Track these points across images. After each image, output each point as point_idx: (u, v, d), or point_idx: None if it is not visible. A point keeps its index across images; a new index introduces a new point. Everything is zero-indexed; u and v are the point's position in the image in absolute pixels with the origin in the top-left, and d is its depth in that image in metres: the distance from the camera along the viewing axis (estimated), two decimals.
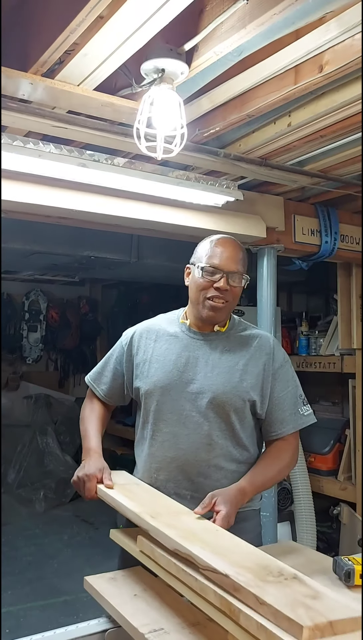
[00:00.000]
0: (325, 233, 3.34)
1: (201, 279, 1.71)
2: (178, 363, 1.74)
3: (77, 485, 1.68)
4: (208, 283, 1.70)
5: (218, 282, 1.68)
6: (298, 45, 1.75)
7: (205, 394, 1.69)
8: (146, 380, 1.77)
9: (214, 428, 1.69)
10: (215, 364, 1.73)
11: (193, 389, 1.71)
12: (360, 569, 1.44)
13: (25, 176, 2.31)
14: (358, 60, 1.75)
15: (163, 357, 1.77)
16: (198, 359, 1.74)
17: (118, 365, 1.89)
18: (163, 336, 1.81)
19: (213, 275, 1.69)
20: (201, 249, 1.77)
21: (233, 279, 1.70)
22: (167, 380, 1.73)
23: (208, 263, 1.70)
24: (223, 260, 1.70)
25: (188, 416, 1.70)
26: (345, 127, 2.27)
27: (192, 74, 1.83)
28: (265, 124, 2.31)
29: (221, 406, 1.69)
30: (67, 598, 3.73)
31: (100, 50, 1.68)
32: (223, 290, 1.69)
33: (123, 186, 2.44)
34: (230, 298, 1.72)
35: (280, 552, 1.70)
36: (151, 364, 1.78)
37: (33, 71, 1.81)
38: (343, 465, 3.99)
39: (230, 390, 1.69)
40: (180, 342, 1.78)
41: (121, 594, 1.43)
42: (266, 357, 1.76)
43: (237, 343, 1.77)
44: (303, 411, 1.79)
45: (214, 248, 1.73)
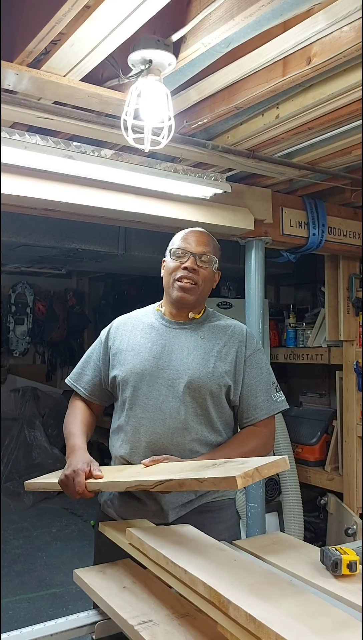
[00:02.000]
0: (312, 225, 3.35)
1: (171, 262, 1.80)
2: (153, 350, 1.78)
3: (66, 484, 1.62)
4: (177, 265, 1.79)
5: (186, 262, 1.77)
6: (286, 37, 1.75)
7: (181, 379, 1.73)
8: (122, 368, 1.81)
9: (190, 413, 1.72)
10: (190, 351, 1.77)
11: (169, 374, 1.74)
12: (347, 559, 1.45)
13: (11, 168, 2.28)
14: (346, 53, 1.75)
15: (139, 345, 1.81)
16: (174, 346, 1.78)
17: (98, 362, 1.91)
18: (139, 326, 1.87)
19: (182, 257, 1.79)
20: (174, 240, 1.86)
21: (201, 260, 1.78)
22: (143, 367, 1.77)
23: (177, 246, 1.81)
24: (191, 243, 1.80)
25: (164, 401, 1.73)
26: (333, 120, 2.26)
27: (180, 65, 1.81)
28: (252, 116, 2.30)
29: (197, 390, 1.72)
30: (56, 590, 3.74)
31: (87, 41, 1.66)
32: (191, 270, 1.77)
33: (110, 178, 2.43)
34: (198, 280, 1.78)
35: (268, 543, 1.72)
36: (127, 353, 1.81)
37: (19, 61, 1.78)
38: (330, 456, 4.03)
39: (206, 374, 1.73)
40: (156, 330, 1.83)
41: (110, 587, 1.43)
42: (238, 344, 1.80)
43: (211, 331, 1.82)
44: (276, 397, 1.83)
45: (185, 236, 1.83)
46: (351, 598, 1.32)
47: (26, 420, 6.06)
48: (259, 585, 1.18)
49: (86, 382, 1.92)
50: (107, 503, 1.84)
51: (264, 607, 1.06)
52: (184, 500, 1.73)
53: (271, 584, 1.20)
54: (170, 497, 1.70)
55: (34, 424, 6.06)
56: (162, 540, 1.44)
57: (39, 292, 6.65)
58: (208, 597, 1.16)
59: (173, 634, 1.19)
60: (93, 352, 1.94)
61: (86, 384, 1.92)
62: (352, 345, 3.83)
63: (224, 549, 1.43)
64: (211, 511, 1.77)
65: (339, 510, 3.77)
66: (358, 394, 3.77)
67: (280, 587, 1.19)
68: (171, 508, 1.72)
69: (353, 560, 1.44)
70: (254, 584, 1.18)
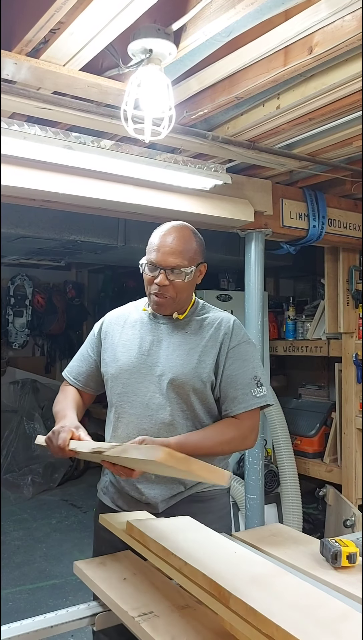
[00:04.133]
0: (312, 217, 3.34)
1: (145, 274, 1.76)
2: (142, 347, 1.79)
3: (51, 439, 1.61)
4: (150, 278, 1.75)
5: (157, 278, 1.72)
6: (288, 26, 1.73)
7: (166, 376, 1.73)
8: (112, 365, 1.81)
9: (176, 409, 1.72)
10: (176, 347, 1.77)
11: (156, 371, 1.75)
12: (347, 551, 1.46)
13: (10, 158, 2.26)
14: (348, 42, 1.73)
15: (129, 342, 1.82)
16: (161, 342, 1.78)
17: (91, 352, 1.92)
18: (130, 322, 1.86)
19: (153, 271, 1.74)
20: (150, 241, 1.79)
21: (173, 274, 1.71)
22: (131, 364, 1.77)
23: (148, 259, 1.75)
24: (160, 256, 1.72)
25: (151, 397, 1.73)
26: (335, 110, 2.25)
27: (180, 54, 1.80)
28: (253, 106, 2.28)
29: (181, 387, 1.72)
30: (56, 581, 3.76)
31: (86, 29, 1.64)
32: (162, 286, 1.72)
33: (110, 169, 2.41)
34: (172, 293, 1.73)
35: (268, 535, 1.72)
36: (118, 349, 1.82)
37: (17, 50, 1.76)
38: (329, 448, 4.04)
39: (189, 371, 1.72)
40: (145, 326, 1.83)
41: (111, 578, 1.43)
42: (223, 336, 1.78)
43: (198, 326, 1.81)
44: (256, 392, 1.76)
45: (157, 241, 1.75)
46: (351, 589, 1.33)
47: (25, 412, 6.07)
48: (259, 577, 1.18)
49: (77, 373, 1.94)
50: (103, 490, 1.87)
51: (264, 599, 1.06)
52: (174, 492, 1.73)
53: (271, 576, 1.20)
54: (159, 490, 1.71)
55: (33, 416, 6.07)
56: (162, 532, 1.44)
57: (38, 284, 6.63)
58: (209, 589, 1.16)
59: (174, 626, 1.20)
60: (86, 344, 1.96)
61: (77, 375, 1.93)
62: (352, 337, 3.83)
63: (225, 541, 1.44)
64: (202, 501, 1.77)
65: (338, 501, 3.78)
66: (357, 386, 3.77)
67: (280, 579, 1.19)
68: (160, 500, 1.72)
69: (353, 552, 1.45)
70: (254, 576, 1.19)
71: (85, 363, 1.93)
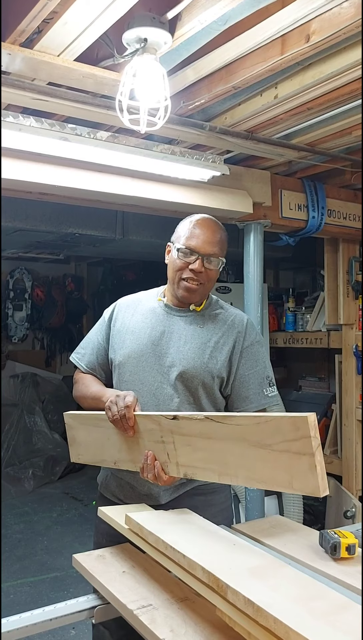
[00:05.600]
0: (312, 208, 3.32)
1: (178, 259, 1.75)
2: (152, 336, 1.78)
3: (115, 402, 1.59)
4: (184, 264, 1.74)
5: (193, 263, 1.73)
6: (285, 14, 1.70)
7: (176, 367, 1.72)
8: (120, 352, 1.81)
9: (183, 401, 1.72)
10: (188, 339, 1.76)
11: (165, 362, 1.74)
12: (346, 542, 1.45)
13: (5, 150, 2.25)
14: (346, 30, 1.71)
15: (138, 329, 1.80)
16: (173, 334, 1.77)
17: (100, 338, 1.90)
18: (141, 310, 1.85)
19: (189, 257, 1.74)
20: (181, 229, 1.80)
21: (208, 261, 1.74)
22: (140, 351, 1.76)
23: (185, 244, 1.74)
24: (199, 243, 1.74)
25: (158, 387, 1.73)
26: (333, 99, 2.22)
27: (176, 43, 1.77)
28: (251, 96, 2.26)
29: (189, 380, 1.72)
30: (57, 574, 3.78)
31: (80, 19, 1.62)
32: (198, 273, 1.73)
33: (106, 161, 2.39)
34: (204, 280, 1.75)
35: (267, 527, 1.72)
36: (126, 336, 1.81)
37: (11, 41, 1.74)
38: (330, 439, 4.04)
39: (200, 365, 1.72)
40: (157, 316, 1.82)
41: (110, 571, 1.43)
42: (237, 334, 1.79)
43: (212, 321, 1.81)
44: (268, 392, 1.80)
45: (193, 229, 1.76)
46: (350, 581, 1.32)
47: (26, 405, 6.08)
48: (258, 569, 1.18)
49: (88, 361, 1.91)
50: (104, 484, 1.87)
51: (262, 591, 1.06)
52: (177, 483, 1.72)
53: (269, 568, 1.20)
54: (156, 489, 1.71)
55: (33, 409, 6.07)
56: (161, 525, 1.43)
57: (37, 277, 6.63)
58: (207, 582, 1.16)
59: (172, 618, 1.20)
60: (96, 330, 1.94)
61: (88, 362, 1.91)
62: (352, 329, 3.82)
63: (224, 533, 1.43)
64: (204, 494, 1.77)
65: (338, 493, 3.79)
66: (357, 378, 3.77)
67: (279, 571, 1.19)
68: (162, 490, 1.72)
69: (352, 543, 1.44)
70: (253, 568, 1.18)
71: (95, 350, 1.91)
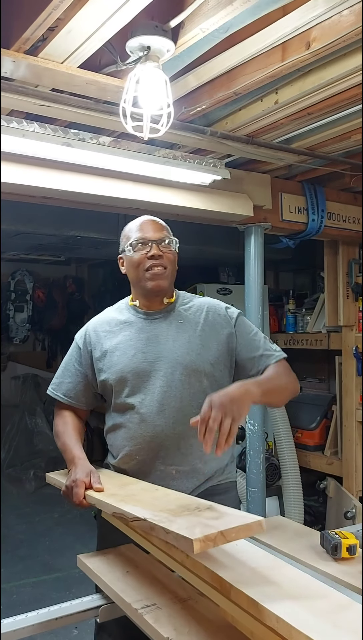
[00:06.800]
0: (312, 211, 3.34)
1: (135, 254, 1.77)
2: (138, 346, 1.77)
3: (67, 494, 1.63)
4: (142, 256, 1.77)
5: (150, 251, 1.75)
6: (285, 22, 1.73)
7: (176, 368, 1.73)
8: (111, 371, 1.78)
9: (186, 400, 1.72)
10: (175, 337, 1.77)
11: (160, 366, 1.73)
12: (347, 542, 1.47)
13: (9, 155, 2.27)
14: (346, 37, 1.73)
15: (122, 344, 1.79)
16: (158, 337, 1.77)
17: (79, 367, 1.87)
18: (116, 325, 1.84)
19: (144, 247, 1.77)
20: (126, 233, 1.84)
21: (163, 244, 1.78)
22: (133, 364, 1.75)
23: (136, 238, 1.78)
24: (149, 232, 1.79)
25: (160, 393, 1.72)
26: (333, 104, 2.25)
27: (178, 51, 1.79)
28: (251, 101, 2.28)
29: (192, 375, 1.73)
30: (59, 575, 3.79)
31: (84, 27, 1.64)
32: (158, 257, 1.75)
33: (109, 165, 2.42)
34: (166, 263, 1.77)
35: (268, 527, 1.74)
36: (113, 354, 1.79)
37: (16, 48, 1.76)
38: (330, 441, 4.06)
39: (196, 357, 1.74)
40: (135, 326, 1.81)
41: (114, 571, 1.46)
42: (217, 316, 1.82)
43: (189, 313, 1.82)
44: (274, 349, 1.85)
45: (138, 226, 1.82)
46: (351, 581, 1.35)
47: (27, 407, 6.09)
48: (260, 570, 1.20)
49: (67, 389, 1.88)
50: None
51: (265, 591, 1.08)
52: (193, 486, 1.73)
53: (271, 568, 1.22)
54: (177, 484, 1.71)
55: (35, 410, 6.09)
56: None
57: (38, 279, 6.64)
58: (210, 581, 1.18)
59: (176, 617, 1.22)
60: (71, 359, 1.90)
61: (68, 391, 1.88)
62: (352, 330, 3.84)
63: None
64: (217, 494, 1.76)
65: (338, 494, 3.81)
66: (357, 379, 3.78)
67: (281, 571, 1.21)
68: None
69: (353, 544, 1.47)
70: (255, 568, 1.20)
71: (73, 378, 1.88)
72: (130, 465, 1.77)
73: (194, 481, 1.74)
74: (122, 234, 1.86)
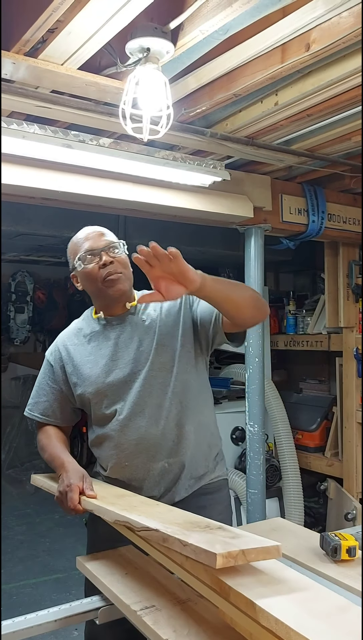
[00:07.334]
0: (312, 212, 3.34)
1: (88, 266, 1.75)
2: (107, 354, 1.77)
3: (61, 500, 1.60)
4: (95, 267, 1.74)
5: (101, 260, 1.74)
6: (285, 23, 1.73)
7: (147, 367, 1.72)
8: (85, 383, 1.78)
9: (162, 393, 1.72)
10: (142, 338, 1.76)
11: (133, 370, 1.73)
12: (347, 544, 1.47)
13: (9, 157, 2.27)
14: (346, 39, 1.73)
15: (92, 355, 1.79)
16: (126, 342, 1.77)
17: (53, 384, 1.86)
18: (84, 337, 1.84)
19: (94, 257, 1.75)
20: (72, 250, 1.82)
21: (111, 250, 1.76)
22: (106, 374, 1.75)
23: (84, 251, 1.76)
24: (93, 242, 1.77)
25: (137, 395, 1.72)
26: (333, 106, 2.25)
27: (178, 53, 1.80)
28: (251, 103, 2.29)
29: (164, 369, 1.72)
30: (59, 575, 3.79)
31: (84, 29, 1.64)
32: (110, 263, 1.74)
33: (109, 167, 2.42)
34: (120, 268, 1.76)
35: (268, 529, 1.74)
36: (84, 367, 1.79)
37: (15, 50, 1.77)
38: (330, 442, 4.06)
39: (164, 350, 1.73)
40: (101, 335, 1.81)
41: (113, 573, 1.45)
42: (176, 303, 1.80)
43: (149, 309, 1.81)
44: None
45: (80, 240, 1.80)
46: (350, 583, 1.35)
47: None
48: (259, 571, 1.20)
49: (44, 408, 1.86)
50: None
51: (264, 593, 1.08)
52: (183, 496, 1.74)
53: (271, 570, 1.22)
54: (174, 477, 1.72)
55: None
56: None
57: (39, 280, 6.64)
58: (210, 583, 1.18)
59: (176, 619, 1.21)
60: (44, 377, 1.88)
61: (45, 410, 1.86)
62: (352, 331, 3.85)
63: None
64: (210, 493, 1.78)
65: (339, 495, 3.80)
66: (357, 381, 3.79)
67: (280, 574, 1.21)
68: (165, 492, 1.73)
69: (353, 546, 1.47)
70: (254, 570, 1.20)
71: (49, 396, 1.86)
72: (122, 473, 1.76)
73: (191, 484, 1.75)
74: (69, 251, 1.83)
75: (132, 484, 1.74)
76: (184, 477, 1.74)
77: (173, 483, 1.74)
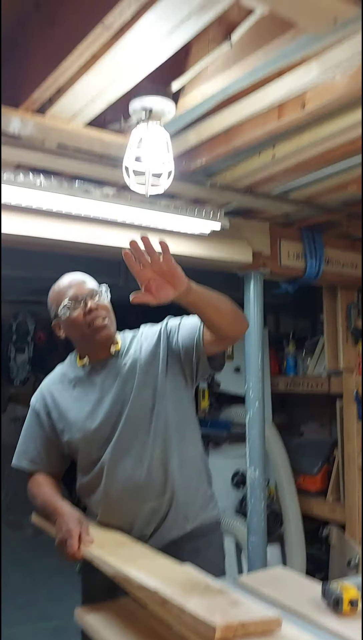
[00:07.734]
0: (310, 257, 3.40)
1: (72, 314, 1.77)
2: (92, 399, 1.77)
3: (61, 547, 1.57)
4: (79, 314, 1.77)
5: (87, 306, 1.76)
6: (281, 85, 1.80)
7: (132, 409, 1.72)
8: (72, 430, 1.78)
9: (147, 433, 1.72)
10: (124, 380, 1.76)
11: (119, 413, 1.73)
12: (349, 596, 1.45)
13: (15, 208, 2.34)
14: (339, 99, 1.81)
15: (77, 401, 1.80)
16: (111, 384, 1.78)
17: (40, 430, 1.86)
18: (69, 383, 1.85)
19: (77, 304, 1.77)
20: (54, 299, 1.85)
21: (94, 297, 1.78)
22: (91, 420, 1.75)
23: (68, 299, 1.78)
24: (75, 289, 1.80)
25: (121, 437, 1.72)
26: (329, 159, 2.32)
27: (179, 112, 1.88)
28: (250, 156, 2.36)
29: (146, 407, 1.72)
30: (58, 622, 3.70)
31: (90, 90, 1.72)
32: (95, 310, 1.76)
33: (112, 215, 2.48)
34: (105, 313, 1.79)
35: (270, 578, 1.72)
36: (70, 413, 1.79)
37: (24, 108, 1.84)
38: (332, 486, 4.00)
39: (142, 386, 1.73)
40: (86, 379, 1.82)
41: (112, 626, 1.44)
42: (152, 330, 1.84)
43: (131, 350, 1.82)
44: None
45: (61, 289, 1.83)
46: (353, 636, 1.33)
47: None
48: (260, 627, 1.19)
49: (32, 457, 1.86)
50: None
51: None
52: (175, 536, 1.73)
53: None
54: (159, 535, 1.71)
55: None
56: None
57: (40, 319, 6.67)
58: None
59: None
60: (30, 424, 1.89)
61: (33, 458, 1.86)
62: (352, 374, 3.85)
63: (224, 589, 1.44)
64: (204, 535, 1.76)
65: (341, 541, 3.74)
66: (358, 424, 3.76)
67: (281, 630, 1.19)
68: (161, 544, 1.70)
69: (355, 599, 1.45)
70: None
71: (37, 443, 1.85)
72: (112, 519, 1.75)
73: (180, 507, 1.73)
74: (51, 300, 1.86)
75: (123, 527, 1.73)
76: (173, 513, 1.73)
77: (162, 520, 1.72)
